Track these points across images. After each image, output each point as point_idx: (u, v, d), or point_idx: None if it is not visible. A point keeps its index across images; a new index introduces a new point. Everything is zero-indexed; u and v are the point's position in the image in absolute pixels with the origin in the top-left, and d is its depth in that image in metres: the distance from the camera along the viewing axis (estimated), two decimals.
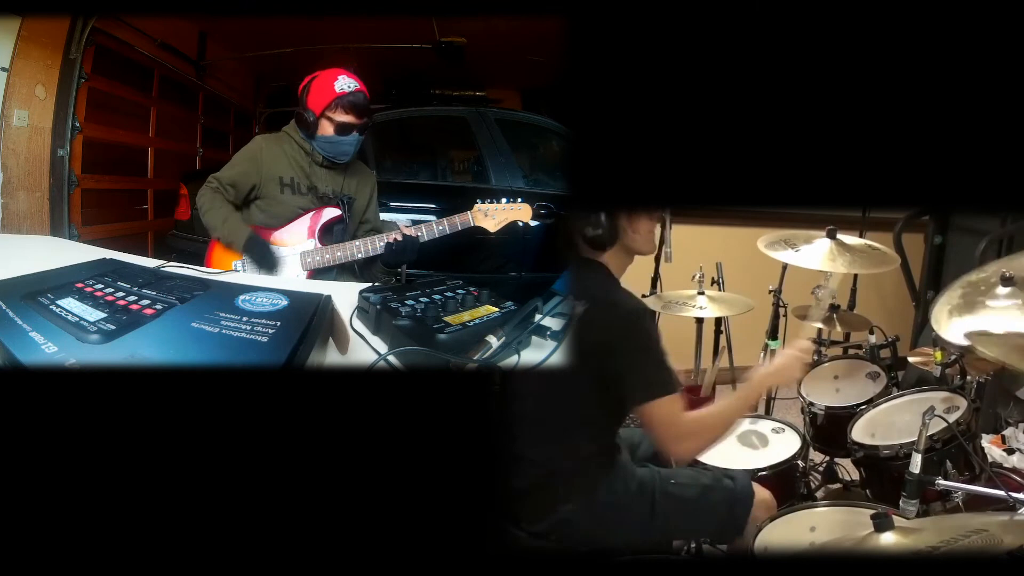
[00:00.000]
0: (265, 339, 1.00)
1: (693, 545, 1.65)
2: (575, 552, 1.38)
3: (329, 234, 2.02)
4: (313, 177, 2.01)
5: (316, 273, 1.98)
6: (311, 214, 2.00)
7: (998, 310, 1.49)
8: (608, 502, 1.39)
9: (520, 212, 1.98)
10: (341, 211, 2.02)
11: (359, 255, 1.95)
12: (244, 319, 1.06)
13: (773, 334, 2.48)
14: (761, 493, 1.49)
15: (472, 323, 1.21)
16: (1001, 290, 1.60)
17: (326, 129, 1.96)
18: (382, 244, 1.94)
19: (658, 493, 1.43)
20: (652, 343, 1.33)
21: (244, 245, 1.94)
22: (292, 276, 1.96)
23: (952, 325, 1.39)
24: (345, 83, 1.94)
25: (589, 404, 1.37)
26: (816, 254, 2.08)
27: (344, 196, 2.04)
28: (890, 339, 2.27)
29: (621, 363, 1.29)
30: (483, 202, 1.96)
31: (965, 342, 1.45)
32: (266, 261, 1.95)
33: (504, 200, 1.98)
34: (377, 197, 2.17)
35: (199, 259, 1.98)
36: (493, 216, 1.96)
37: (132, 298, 1.09)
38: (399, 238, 1.92)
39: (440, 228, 1.95)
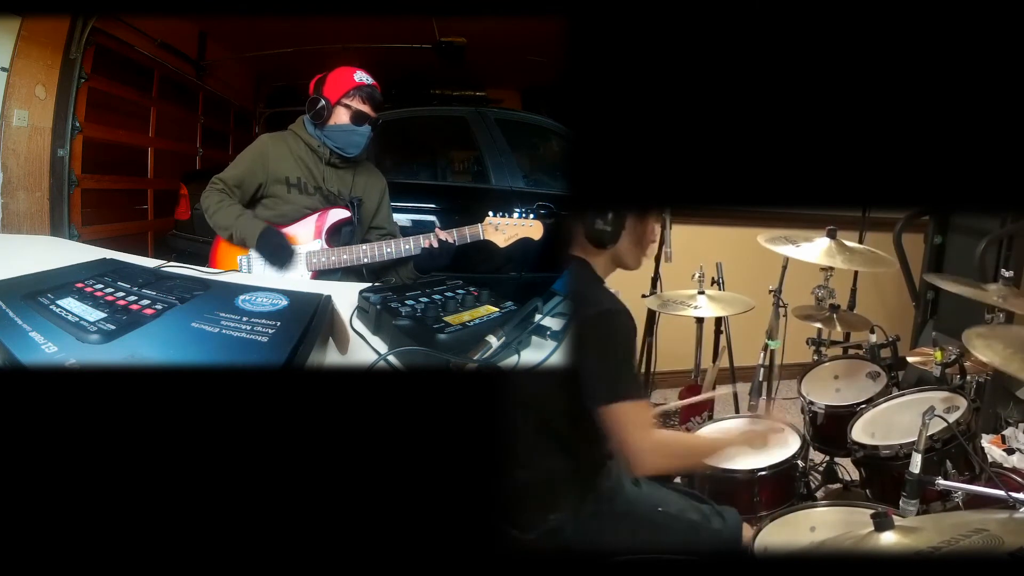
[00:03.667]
0: (265, 339, 1.00)
1: None
2: (573, 551, 1.37)
3: (336, 235, 2.00)
4: (321, 176, 2.00)
5: (321, 274, 1.97)
6: (319, 214, 1.99)
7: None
8: (593, 515, 1.35)
9: (531, 230, 1.96)
10: (350, 213, 2.01)
11: (365, 260, 1.94)
12: (244, 319, 1.06)
13: (773, 334, 2.48)
14: (749, 534, 1.44)
15: (472, 323, 1.21)
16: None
17: (341, 117, 1.96)
18: (418, 247, 1.92)
19: (642, 518, 1.38)
20: (620, 347, 1.28)
21: (258, 239, 1.91)
22: (296, 276, 1.95)
23: None
24: (364, 76, 1.98)
25: (566, 407, 1.31)
26: (816, 250, 2.09)
27: (354, 198, 2.03)
28: (890, 339, 2.27)
29: (588, 362, 1.24)
30: (494, 215, 1.94)
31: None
32: (282, 253, 1.92)
33: (516, 214, 1.97)
34: (390, 202, 2.15)
35: (199, 259, 1.97)
36: (503, 231, 1.94)
37: (132, 298, 1.09)
38: (435, 244, 1.91)
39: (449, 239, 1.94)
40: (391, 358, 1.11)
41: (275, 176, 1.98)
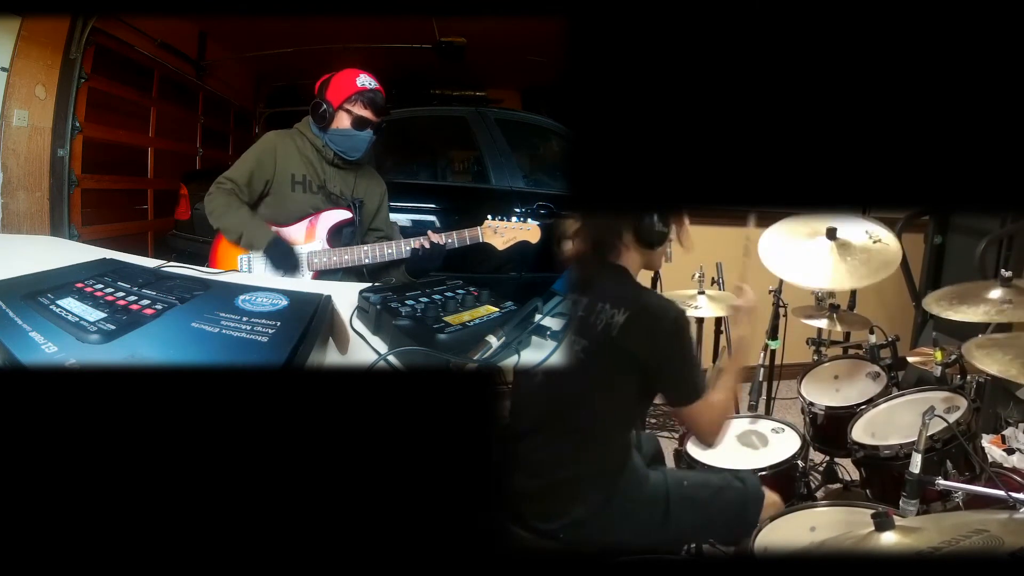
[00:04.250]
0: (265, 339, 1.00)
1: (694, 546, 1.65)
2: (578, 552, 1.38)
3: (338, 236, 2.01)
4: (324, 176, 2.01)
5: (322, 274, 1.97)
6: (321, 214, 2.00)
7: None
8: (621, 505, 1.39)
9: (528, 233, 1.99)
10: (352, 213, 2.02)
11: (366, 260, 1.95)
12: (244, 319, 1.06)
13: (773, 334, 2.48)
14: (770, 496, 1.50)
15: (472, 323, 1.21)
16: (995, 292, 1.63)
17: (342, 122, 1.97)
18: (407, 249, 1.93)
19: (671, 495, 1.44)
20: (693, 349, 1.42)
21: (266, 248, 1.93)
22: (297, 276, 1.96)
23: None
24: (366, 80, 1.99)
25: (611, 407, 1.37)
26: (817, 264, 2.06)
27: (356, 199, 2.03)
28: (890, 339, 2.27)
29: (668, 369, 1.35)
30: (493, 219, 1.97)
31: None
32: (287, 263, 1.94)
33: (514, 219, 2.00)
34: (388, 205, 2.16)
35: (199, 259, 1.97)
36: (502, 234, 1.97)
37: (132, 298, 1.09)
38: (427, 245, 1.92)
39: (448, 241, 1.96)
40: (391, 358, 1.11)
41: (282, 172, 1.99)
